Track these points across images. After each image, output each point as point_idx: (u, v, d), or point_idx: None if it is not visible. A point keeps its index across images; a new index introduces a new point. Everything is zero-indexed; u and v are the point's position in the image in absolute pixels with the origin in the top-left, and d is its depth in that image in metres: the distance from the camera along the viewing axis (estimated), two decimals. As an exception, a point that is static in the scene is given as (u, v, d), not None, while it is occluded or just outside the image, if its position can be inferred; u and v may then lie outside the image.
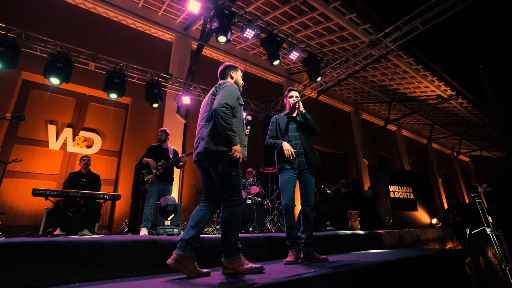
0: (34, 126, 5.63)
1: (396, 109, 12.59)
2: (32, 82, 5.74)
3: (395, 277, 2.46)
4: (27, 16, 5.75)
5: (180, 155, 4.43)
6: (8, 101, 5.28)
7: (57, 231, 4.03)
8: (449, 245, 6.20)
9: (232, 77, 2.43)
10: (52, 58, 5.09)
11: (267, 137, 2.95)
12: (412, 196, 7.13)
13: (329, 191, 7.05)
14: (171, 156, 4.41)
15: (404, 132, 14.82)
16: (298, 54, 6.40)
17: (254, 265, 1.98)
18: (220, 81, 2.37)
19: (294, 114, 2.94)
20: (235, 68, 2.46)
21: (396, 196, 6.93)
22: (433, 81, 9.72)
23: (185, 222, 5.33)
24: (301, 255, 2.62)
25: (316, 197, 6.61)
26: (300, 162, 2.75)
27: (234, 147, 2.03)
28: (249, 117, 2.75)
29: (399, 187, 7.01)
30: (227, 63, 2.48)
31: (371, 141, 11.52)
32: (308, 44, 6.81)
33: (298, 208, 2.92)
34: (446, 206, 14.03)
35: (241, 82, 2.49)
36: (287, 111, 3.00)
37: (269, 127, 2.98)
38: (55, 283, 1.78)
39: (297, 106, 2.88)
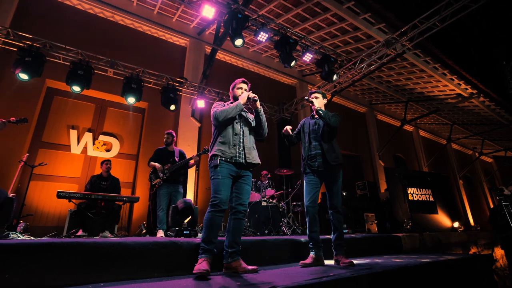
0: (57, 131, 5.88)
1: (412, 109, 12.26)
2: (55, 89, 6.00)
3: (416, 282, 2.39)
4: (50, 26, 6.02)
5: (188, 157, 4.49)
6: (34, 107, 5.53)
7: (80, 232, 4.18)
8: (473, 250, 5.95)
9: (231, 95, 2.66)
10: (74, 66, 5.30)
11: None
12: (431, 199, 6.90)
13: (344, 193, 6.95)
14: (177, 159, 4.45)
15: (422, 133, 14.40)
16: (311, 56, 6.37)
17: (202, 269, 1.97)
18: None
19: (316, 115, 2.92)
20: (233, 87, 2.65)
21: (415, 199, 6.73)
22: (452, 79, 9.41)
23: (201, 224, 5.40)
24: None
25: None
26: (319, 163, 2.73)
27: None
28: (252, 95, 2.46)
29: (418, 189, 6.80)
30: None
31: (387, 142, 11.27)
32: (322, 45, 6.76)
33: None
34: (468, 209, 13.49)
35: (238, 94, 2.56)
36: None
37: None
38: (80, 282, 1.85)
39: (312, 106, 2.90)
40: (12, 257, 1.67)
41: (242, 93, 2.54)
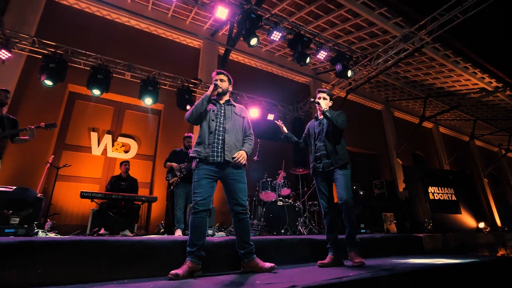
0: (79, 133, 6.11)
1: (432, 105, 11.84)
2: (76, 93, 6.24)
3: (440, 284, 2.31)
4: (71, 33, 6.26)
5: None
6: (57, 111, 5.78)
7: (102, 231, 4.33)
8: (501, 252, 5.67)
9: None
10: (94, 70, 5.50)
11: None
12: (454, 198, 6.63)
13: (361, 193, 6.81)
14: None
15: (442, 129, 13.87)
16: (326, 54, 6.29)
17: (172, 273, 1.93)
18: None
19: (320, 116, 2.87)
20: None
21: (436, 198, 6.50)
22: (475, 73, 9.00)
23: (217, 224, 5.46)
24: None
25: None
26: (324, 164, 2.70)
27: None
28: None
29: (439, 188, 6.56)
30: None
31: (405, 139, 10.93)
32: (336, 42, 6.66)
33: None
34: (494, 209, 12.87)
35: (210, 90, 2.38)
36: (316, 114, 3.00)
37: None
38: (105, 279, 1.91)
39: (317, 107, 2.83)
40: (44, 253, 1.76)
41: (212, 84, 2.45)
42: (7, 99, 3.20)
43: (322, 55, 6.27)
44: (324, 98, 2.84)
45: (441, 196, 6.49)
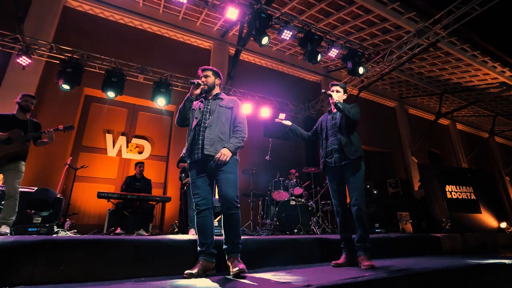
0: (95, 135, 6.29)
1: (448, 101, 11.48)
2: (92, 96, 6.43)
3: (460, 286, 2.24)
4: (86, 38, 6.44)
5: None
6: (74, 114, 5.97)
7: (118, 230, 4.44)
8: (525, 253, 5.43)
9: None
10: (108, 74, 5.65)
11: None
12: (473, 197, 6.40)
13: (375, 192, 6.69)
14: None
15: (459, 126, 13.43)
16: (337, 51, 6.21)
17: (186, 272, 1.95)
18: None
19: (334, 110, 2.77)
20: None
21: (454, 197, 6.28)
22: (495, 67, 8.67)
23: (230, 223, 5.49)
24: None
25: (362, 198, 6.31)
26: (335, 159, 2.58)
27: None
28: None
29: (457, 186, 6.34)
30: None
31: (420, 137, 10.64)
32: (347, 39, 6.57)
33: None
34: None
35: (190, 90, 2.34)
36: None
37: None
38: (122, 277, 1.96)
39: (330, 99, 2.72)
40: (65, 251, 1.82)
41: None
42: (33, 105, 3.31)
43: (333, 52, 6.20)
44: (337, 91, 2.75)
45: (459, 195, 6.29)
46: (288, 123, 2.86)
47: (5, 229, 2.83)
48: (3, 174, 2.99)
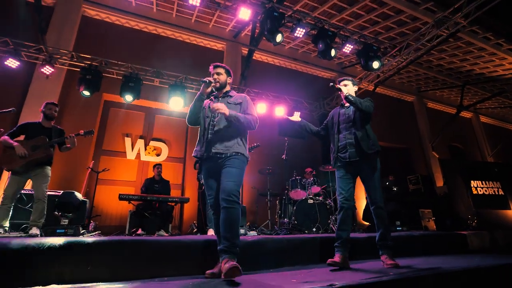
0: (114, 139, 6.49)
1: (470, 93, 10.99)
2: (111, 101, 6.63)
3: (490, 286, 2.14)
4: (104, 45, 6.66)
5: None
6: (95, 119, 6.19)
7: (139, 231, 4.55)
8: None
9: None
10: (126, 79, 5.81)
11: None
12: (501, 192, 6.10)
13: (395, 189, 6.52)
14: None
15: (483, 119, 12.82)
16: (351, 47, 6.09)
17: (213, 270, 2.01)
18: None
19: (346, 104, 2.66)
20: None
21: (480, 193, 6.02)
22: (521, 55, 8.22)
23: (248, 223, 5.51)
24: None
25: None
26: (350, 153, 2.46)
27: None
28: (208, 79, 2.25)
29: (483, 181, 6.07)
30: None
31: (441, 131, 10.25)
32: (362, 34, 6.43)
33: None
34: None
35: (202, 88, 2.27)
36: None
37: None
38: (146, 276, 2.01)
39: (340, 94, 2.62)
40: (92, 252, 1.89)
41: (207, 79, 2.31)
42: (56, 112, 3.47)
43: (347, 48, 6.08)
44: (345, 85, 2.65)
45: (485, 191, 6.01)
46: (297, 119, 2.75)
47: (36, 230, 2.98)
48: (32, 179, 3.16)
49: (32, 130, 3.26)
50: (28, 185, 3.57)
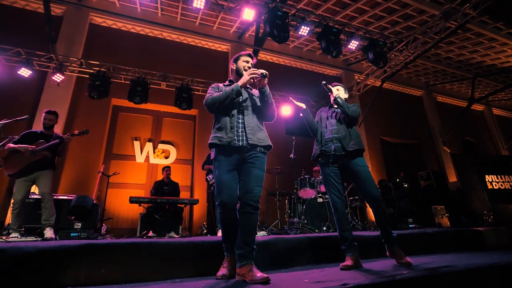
0: (124, 143, 6.59)
1: (482, 85, 10.72)
2: (119, 106, 6.74)
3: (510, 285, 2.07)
4: (112, 51, 6.79)
5: None
6: (104, 124, 6.30)
7: (150, 233, 4.60)
8: None
9: (233, 70, 2.24)
10: (133, 84, 5.90)
11: None
12: (517, 186, 5.93)
13: (406, 185, 6.40)
14: None
15: (496, 111, 12.49)
16: (357, 43, 6.02)
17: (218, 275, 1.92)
18: None
19: (335, 105, 2.66)
20: (236, 59, 2.23)
21: (495, 187, 5.86)
22: (534, 44, 7.98)
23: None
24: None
25: (392, 193, 6.07)
26: (336, 147, 2.42)
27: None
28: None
29: (499, 176, 5.90)
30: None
31: (452, 125, 10.02)
32: (367, 29, 6.35)
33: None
34: None
35: (242, 66, 2.16)
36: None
37: None
38: (158, 278, 2.02)
39: (330, 94, 2.63)
40: (105, 254, 1.92)
41: (247, 68, 2.14)
42: (52, 121, 3.54)
43: (353, 44, 6.02)
44: (338, 90, 2.70)
45: (501, 185, 5.85)
46: (302, 105, 2.71)
47: (50, 232, 3.05)
48: (36, 182, 3.28)
49: (34, 138, 3.39)
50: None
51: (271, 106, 2.09)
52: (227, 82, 2.22)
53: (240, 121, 2.01)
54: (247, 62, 2.18)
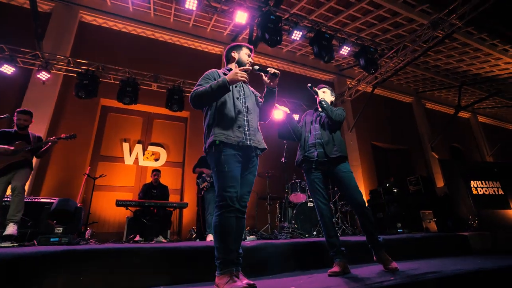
0: (112, 144, 6.45)
1: (468, 94, 11.02)
2: (108, 106, 6.60)
3: (495, 288, 2.10)
4: (101, 50, 6.66)
5: None
6: (92, 124, 6.15)
7: (137, 238, 4.49)
8: None
9: (233, 59, 2.09)
10: (123, 84, 5.79)
11: None
12: (501, 192, 6.07)
13: (395, 190, 6.48)
14: None
15: (481, 119, 12.86)
16: (349, 49, 6.10)
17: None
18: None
19: (320, 109, 2.60)
20: (237, 47, 2.11)
21: (480, 193, 5.99)
22: (516, 55, 8.26)
23: (247, 228, 5.45)
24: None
25: (382, 197, 6.13)
26: (319, 153, 2.39)
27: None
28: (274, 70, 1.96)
29: (483, 181, 6.04)
30: (231, 44, 2.16)
31: (440, 132, 10.25)
32: (359, 36, 6.44)
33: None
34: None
35: (245, 59, 2.05)
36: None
37: None
38: (143, 285, 1.95)
39: (316, 97, 2.58)
40: (85, 261, 1.83)
41: (248, 62, 2.04)
42: (27, 122, 3.43)
43: (345, 50, 6.09)
44: (324, 92, 2.65)
45: (485, 191, 5.98)
46: (286, 109, 2.66)
47: (13, 228, 2.92)
48: (11, 180, 3.12)
49: (7, 137, 3.27)
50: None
51: (273, 107, 2.06)
52: (226, 71, 2.04)
53: (245, 119, 1.87)
54: (249, 56, 2.09)
